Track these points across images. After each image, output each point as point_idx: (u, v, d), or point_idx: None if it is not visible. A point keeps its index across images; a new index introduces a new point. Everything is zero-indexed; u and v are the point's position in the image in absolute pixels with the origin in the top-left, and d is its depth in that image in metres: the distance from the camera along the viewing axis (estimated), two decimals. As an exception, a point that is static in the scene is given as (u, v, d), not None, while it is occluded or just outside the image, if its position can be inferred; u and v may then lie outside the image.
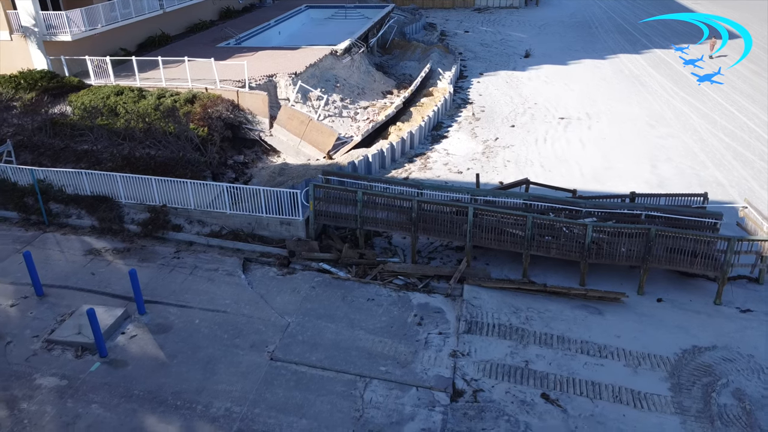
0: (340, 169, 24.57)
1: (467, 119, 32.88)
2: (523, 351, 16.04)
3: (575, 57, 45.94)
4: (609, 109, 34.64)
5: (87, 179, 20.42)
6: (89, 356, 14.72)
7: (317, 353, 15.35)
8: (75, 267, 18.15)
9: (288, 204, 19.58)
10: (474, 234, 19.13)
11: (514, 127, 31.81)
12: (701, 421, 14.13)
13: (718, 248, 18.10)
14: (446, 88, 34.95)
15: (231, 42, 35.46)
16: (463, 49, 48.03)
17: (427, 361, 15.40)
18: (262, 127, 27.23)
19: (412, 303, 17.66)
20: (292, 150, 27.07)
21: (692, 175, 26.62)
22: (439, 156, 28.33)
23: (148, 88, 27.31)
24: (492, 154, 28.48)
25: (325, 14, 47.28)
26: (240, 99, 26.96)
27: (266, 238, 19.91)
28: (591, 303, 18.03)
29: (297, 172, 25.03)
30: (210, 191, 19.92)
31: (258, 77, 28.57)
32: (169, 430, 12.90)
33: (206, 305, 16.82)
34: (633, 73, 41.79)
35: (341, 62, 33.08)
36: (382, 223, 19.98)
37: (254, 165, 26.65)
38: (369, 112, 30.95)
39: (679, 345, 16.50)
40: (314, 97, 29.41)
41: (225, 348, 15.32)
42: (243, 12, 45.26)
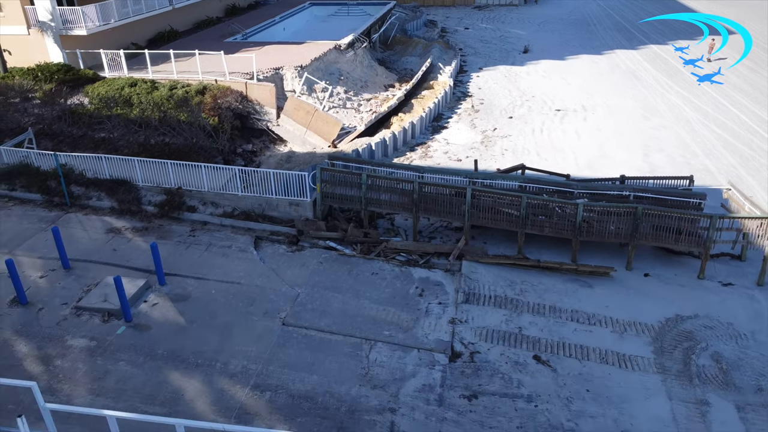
0: (345, 156, 25.82)
1: (467, 111, 34.15)
2: (517, 319, 17.30)
3: (573, 53, 47.18)
4: (605, 102, 35.88)
5: (106, 163, 21.71)
6: (115, 321, 15.99)
7: (326, 319, 16.61)
8: (97, 244, 19.43)
9: (296, 186, 20.85)
10: (472, 214, 20.38)
11: (512, 119, 33.06)
12: (681, 380, 15.38)
13: (701, 226, 19.35)
14: (446, 82, 36.21)
15: (238, 37, 36.77)
16: (463, 45, 49.31)
17: (428, 327, 16.65)
18: (270, 117, 28.50)
19: (414, 277, 18.92)
20: (298, 139, 28.34)
21: (683, 163, 27.84)
22: (440, 145, 29.59)
23: (160, 80, 28.60)
24: (490, 144, 29.75)
25: (328, 11, 48.59)
26: (248, 90, 28.24)
27: (276, 218, 21.17)
28: (582, 277, 19.28)
29: (303, 159, 26.30)
30: (223, 174, 21.20)
31: (265, 70, 29.85)
32: (191, 383, 14.17)
33: (221, 278, 18.09)
34: (629, 68, 43.03)
35: (345, 56, 34.37)
36: (385, 205, 21.25)
37: (262, 153, 27.93)
38: (372, 104, 32.23)
39: (663, 314, 17.74)
40: (319, 88, 30.69)
41: (240, 315, 16.59)
42: (248, 9, 46.58)
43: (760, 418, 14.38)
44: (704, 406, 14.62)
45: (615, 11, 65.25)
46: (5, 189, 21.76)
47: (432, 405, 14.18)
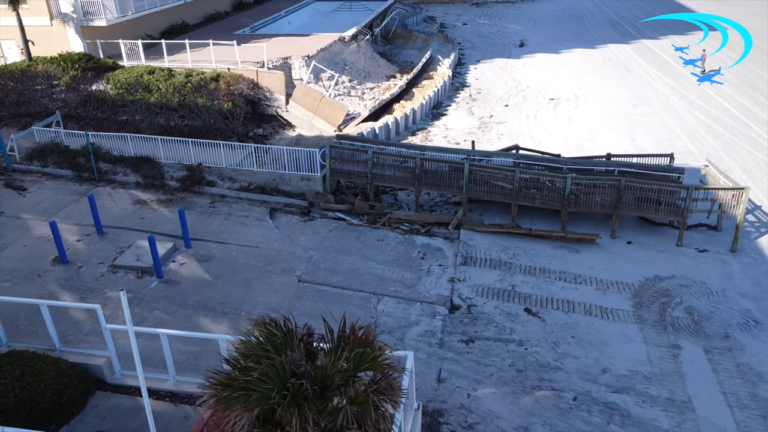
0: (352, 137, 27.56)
1: (464, 100, 35.91)
2: (510, 278, 19.06)
3: (567, 46, 48.94)
4: (596, 92, 37.65)
5: (131, 142, 23.43)
6: (148, 277, 17.71)
7: (337, 277, 18.35)
8: (126, 213, 21.16)
9: (307, 163, 22.58)
10: (469, 188, 22.13)
11: (507, 107, 34.82)
12: (656, 329, 17.15)
13: (679, 197, 21.11)
14: (445, 72, 37.96)
15: (246, 30, 38.48)
16: (461, 40, 51.08)
17: (429, 284, 18.41)
18: (279, 103, 30.22)
19: (416, 243, 20.68)
20: (306, 124, 30.07)
21: (667, 146, 29.58)
22: (439, 130, 31.35)
23: (176, 68, 30.30)
24: (487, 129, 31.51)
25: (331, 6, 50.33)
26: (259, 78, 29.96)
27: (288, 192, 22.91)
28: (569, 244, 21.05)
29: (311, 142, 28.02)
30: (239, 152, 22.92)
31: (274, 59, 31.58)
32: (219, 327, 15.90)
33: (241, 242, 19.83)
34: (620, 60, 44.80)
35: (349, 48, 36.11)
36: (389, 180, 23.00)
37: (272, 137, 29.65)
38: (375, 92, 33.97)
39: (643, 275, 19.53)
40: (326, 77, 32.42)
41: (260, 273, 18.33)
42: (254, 4, 48.30)
43: (724, 359, 16.17)
44: (676, 350, 16.40)
45: (609, 8, 67.01)
46: (39, 166, 23.46)
47: (434, 347, 15.94)
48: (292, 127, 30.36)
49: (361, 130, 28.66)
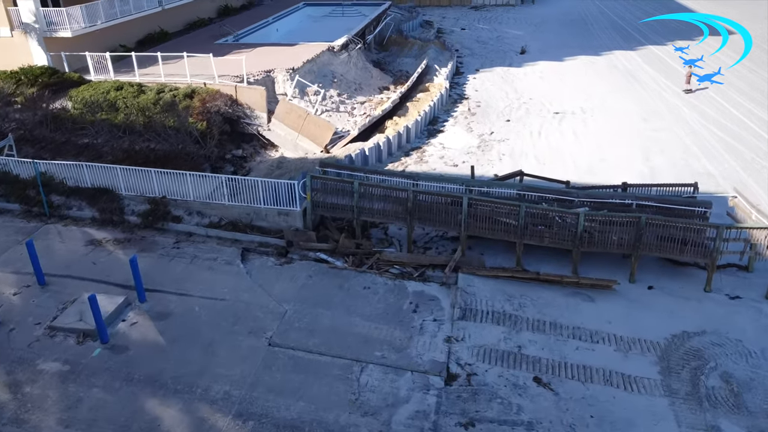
0: (337, 162, 24.78)
1: (463, 114, 33.10)
2: (516, 336, 16.28)
3: (570, 53, 46.13)
4: (603, 104, 34.86)
5: (88, 172, 20.63)
6: (91, 342, 14.93)
7: (314, 339, 15.57)
8: (76, 257, 18.37)
9: (285, 195, 19.79)
10: (468, 224, 19.35)
11: (509, 122, 32.02)
12: (689, 403, 14.37)
13: (707, 236, 18.34)
14: (442, 84, 35.16)
15: (229, 38, 35.66)
16: (459, 46, 48.24)
17: (422, 346, 15.63)
18: (260, 121, 27.43)
19: (408, 291, 17.89)
20: (290, 144, 27.27)
21: (684, 167, 26.84)
22: (435, 150, 28.54)
23: (147, 83, 27.50)
24: (487, 148, 28.70)
25: (322, 12, 47.50)
26: (238, 94, 27.16)
27: (264, 228, 20.12)
28: (583, 290, 18.26)
29: (294, 165, 25.24)
30: (209, 183, 20.12)
31: (256, 72, 28.76)
32: (168, 412, 13.13)
33: (205, 293, 17.04)
34: (627, 69, 42.02)
35: (338, 58, 33.29)
36: (378, 214, 20.20)
37: (252, 159, 26.86)
38: (366, 107, 31.15)
39: (669, 330, 16.73)
40: (311, 92, 29.61)
41: (224, 334, 15.55)
42: (241, 9, 45.46)
43: (774, 445, 13.42)
44: (715, 433, 13.64)
45: (612, 11, 64.23)
46: (-18, 199, 20.72)
47: (426, 434, 13.18)
48: (275, 147, 27.56)
49: (350, 152, 25.88)
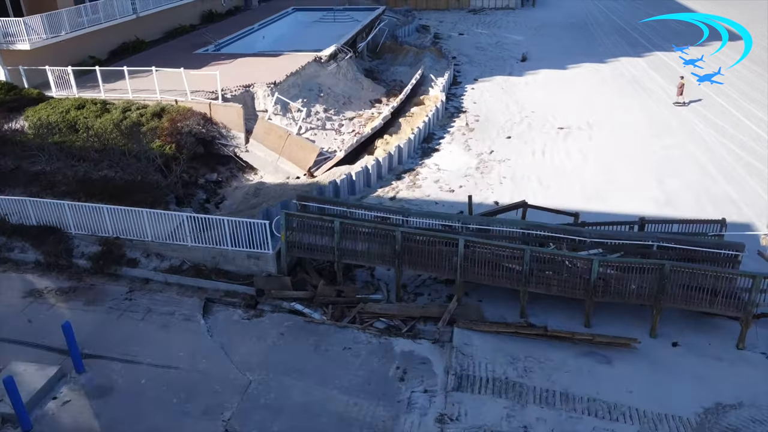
0: (320, 190, 22.19)
1: (460, 130, 30.48)
2: (521, 413, 13.68)
3: (574, 60, 43.51)
4: (610, 117, 32.24)
5: (32, 208, 18.02)
6: (11, 430, 12.33)
7: (281, 421, 12.96)
8: (10, 312, 15.76)
9: (256, 236, 17.18)
10: (465, 269, 16.76)
11: (510, 139, 29.41)
12: (732, 505, 11.81)
13: (741, 286, 15.75)
14: (438, 96, 32.55)
15: (210, 48, 33.04)
16: (457, 53, 45.60)
17: (410, 429, 13.04)
18: (238, 142, 24.85)
19: (395, 351, 15.30)
20: (270, 167, 24.69)
21: (702, 191, 24.25)
22: (430, 172, 25.92)
23: (113, 100, 24.91)
24: (486, 170, 26.08)
25: (312, 17, 44.86)
26: (213, 112, 24.56)
27: (232, 273, 17.52)
28: (598, 349, 15.67)
29: (273, 192, 22.65)
30: (169, 221, 17.52)
31: (234, 87, 26.13)
32: None
33: (157, 359, 14.43)
34: (634, 77, 39.41)
35: (326, 69, 30.66)
36: (362, 256, 17.59)
37: (229, 184, 24.26)
38: (355, 123, 28.54)
39: (700, 402, 14.14)
40: (295, 108, 26.99)
41: (173, 416, 12.94)
42: (227, 15, 42.82)
43: None
44: None
45: (615, 14, 61.62)
46: None
47: None
48: (254, 170, 24.97)
49: (335, 177, 23.30)
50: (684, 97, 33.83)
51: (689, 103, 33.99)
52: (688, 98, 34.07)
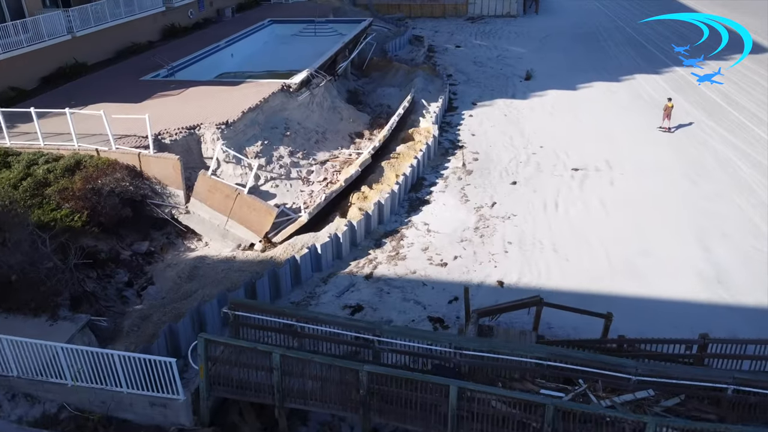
0: (273, 272, 16.90)
1: (456, 173, 25.14)
2: None
3: (584, 79, 38.17)
4: (633, 154, 26.93)
5: None
6: None
7: None
8: None
9: (162, 373, 11.87)
10: (462, 426, 11.48)
11: (515, 185, 24.10)
12: None
13: None
14: (430, 129, 27.22)
15: (162, 73, 27.69)
16: (453, 70, 40.21)
17: None
18: (176, 201, 19.58)
19: None
20: (217, 232, 19.43)
21: (761, 263, 18.96)
22: (417, 235, 20.60)
23: (21, 148, 19.62)
24: (488, 231, 20.75)
25: (291, 30, 39.46)
26: (144, 164, 19.28)
27: (131, 424, 12.23)
28: None
29: (215, 274, 17.38)
30: (40, 352, 12.18)
31: (175, 130, 20.80)
32: None
33: None
34: (654, 100, 34.03)
35: (296, 100, 25.31)
36: (313, 399, 12.27)
37: (164, 254, 19.00)
38: (328, 168, 23.21)
39: None
40: (253, 152, 21.69)
41: None
42: (194, 29, 37.41)
43: None
44: None
45: (623, 20, 56.24)
46: None
47: None
48: (197, 236, 19.70)
49: (295, 252, 18.03)
50: (670, 123, 29.36)
51: (676, 129, 29.51)
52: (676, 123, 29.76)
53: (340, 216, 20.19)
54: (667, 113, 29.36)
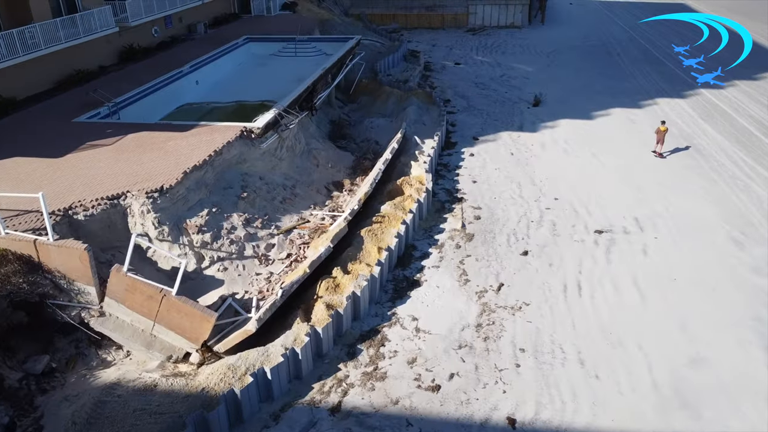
0: (200, 418, 12.18)
1: (453, 237, 20.36)
2: None
3: (600, 104, 33.40)
4: (666, 208, 22.16)
5: None
6: None
7: None
8: None
9: None
10: None
11: (527, 256, 19.33)
12: None
13: None
14: (423, 178, 22.45)
15: (102, 111, 22.92)
16: (451, 93, 35.42)
17: None
18: (87, 299, 14.88)
19: None
20: (141, 339, 14.73)
21: None
22: (403, 337, 15.84)
23: None
24: (493, 332, 15.98)
25: (269, 49, 34.65)
26: (42, 255, 14.56)
27: None
28: None
29: (121, 419, 12.62)
30: None
31: (92, 201, 16.06)
32: None
33: None
34: (682, 132, 29.26)
35: (258, 149, 20.54)
36: None
37: (70, 371, 14.31)
38: (294, 240, 18.44)
39: None
40: (195, 225, 16.94)
41: None
42: (158, 49, 32.56)
43: None
44: None
45: (636, 31, 51.39)
46: None
47: None
48: (115, 345, 14.98)
49: (239, 376, 13.32)
50: (662, 147, 26.32)
51: (668, 154, 26.41)
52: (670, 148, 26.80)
53: (303, 313, 15.44)
54: (660, 138, 26.18)
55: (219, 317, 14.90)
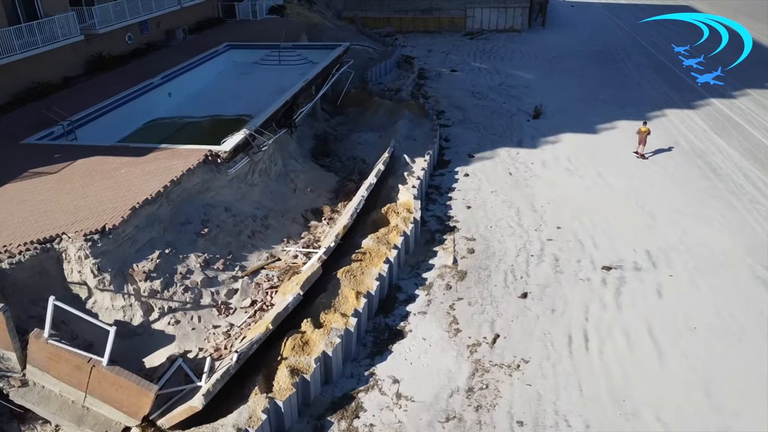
0: None
1: (443, 275, 17.98)
2: None
3: (604, 115, 31.02)
4: (681, 240, 19.78)
5: None
6: None
7: None
8: None
9: None
10: None
11: (526, 299, 16.96)
12: None
13: None
14: (411, 206, 20.08)
15: (56, 130, 20.54)
16: (446, 104, 33.02)
17: None
18: (8, 365, 12.56)
19: None
20: (72, 412, 12.38)
21: None
22: (381, 405, 13.46)
23: None
24: (487, 399, 13.60)
25: (251, 56, 32.27)
26: (-49, 315, 12.17)
27: None
28: None
29: None
30: None
31: (20, 246, 13.69)
32: None
33: None
34: (694, 147, 26.91)
35: (225, 176, 18.16)
36: None
37: (-15, 452, 11.93)
38: (261, 283, 16.07)
39: None
40: (142, 271, 14.58)
41: None
42: (131, 57, 30.16)
43: None
44: None
45: (640, 35, 49.00)
46: None
47: None
48: (39, 420, 12.61)
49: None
50: (644, 148, 25.59)
51: (649, 156, 25.67)
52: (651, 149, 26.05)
53: (263, 379, 13.07)
54: (642, 138, 25.38)
55: (166, 383, 12.63)
